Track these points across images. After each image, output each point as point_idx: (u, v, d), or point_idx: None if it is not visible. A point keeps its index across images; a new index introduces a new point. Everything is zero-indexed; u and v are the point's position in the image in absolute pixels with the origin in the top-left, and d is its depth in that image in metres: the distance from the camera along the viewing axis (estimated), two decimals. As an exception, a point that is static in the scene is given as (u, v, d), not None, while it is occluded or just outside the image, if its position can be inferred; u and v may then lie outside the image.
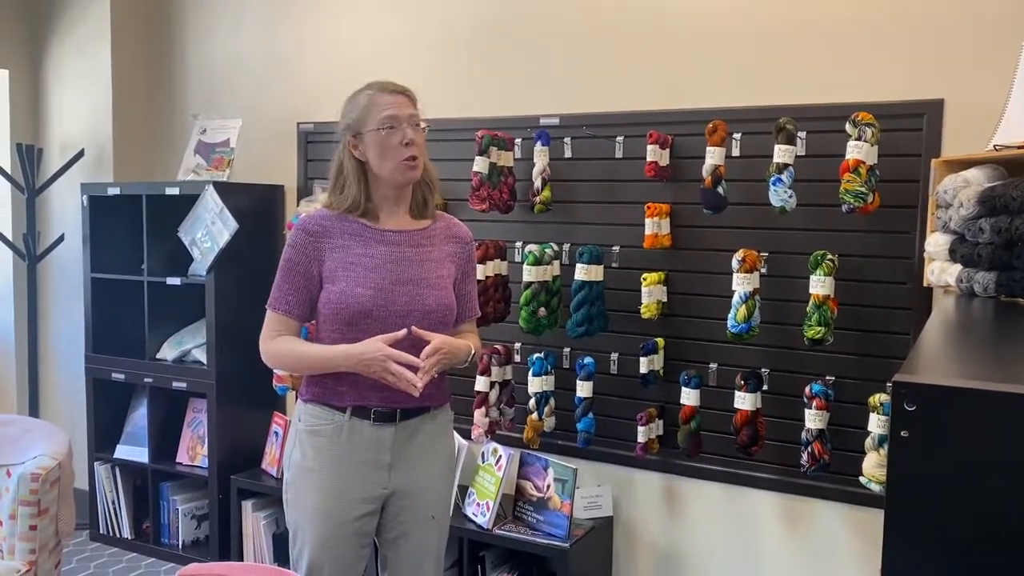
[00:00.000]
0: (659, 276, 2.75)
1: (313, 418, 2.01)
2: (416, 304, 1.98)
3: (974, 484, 0.72)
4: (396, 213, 2.05)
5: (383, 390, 1.96)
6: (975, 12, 2.39)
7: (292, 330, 2.02)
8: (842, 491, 2.60)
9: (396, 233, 2.02)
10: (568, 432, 2.89)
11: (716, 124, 2.51)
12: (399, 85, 2.03)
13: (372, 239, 2.00)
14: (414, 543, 2.08)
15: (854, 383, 2.56)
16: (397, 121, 1.95)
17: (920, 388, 0.74)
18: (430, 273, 2.03)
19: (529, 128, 2.96)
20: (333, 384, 1.99)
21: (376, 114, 1.96)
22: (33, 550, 2.41)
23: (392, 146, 1.95)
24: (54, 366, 4.10)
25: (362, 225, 2.01)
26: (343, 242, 1.99)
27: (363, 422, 1.99)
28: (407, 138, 1.95)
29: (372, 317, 1.94)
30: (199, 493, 3.64)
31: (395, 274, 1.98)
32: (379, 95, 1.98)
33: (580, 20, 2.96)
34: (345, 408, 1.99)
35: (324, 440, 1.99)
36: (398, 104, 1.97)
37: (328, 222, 2.01)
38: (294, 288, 1.99)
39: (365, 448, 1.99)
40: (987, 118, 2.16)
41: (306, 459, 2.01)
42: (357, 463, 1.99)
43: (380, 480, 2.02)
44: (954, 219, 1.70)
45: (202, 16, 3.82)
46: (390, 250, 2.00)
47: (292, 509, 2.05)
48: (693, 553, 2.87)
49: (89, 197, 3.65)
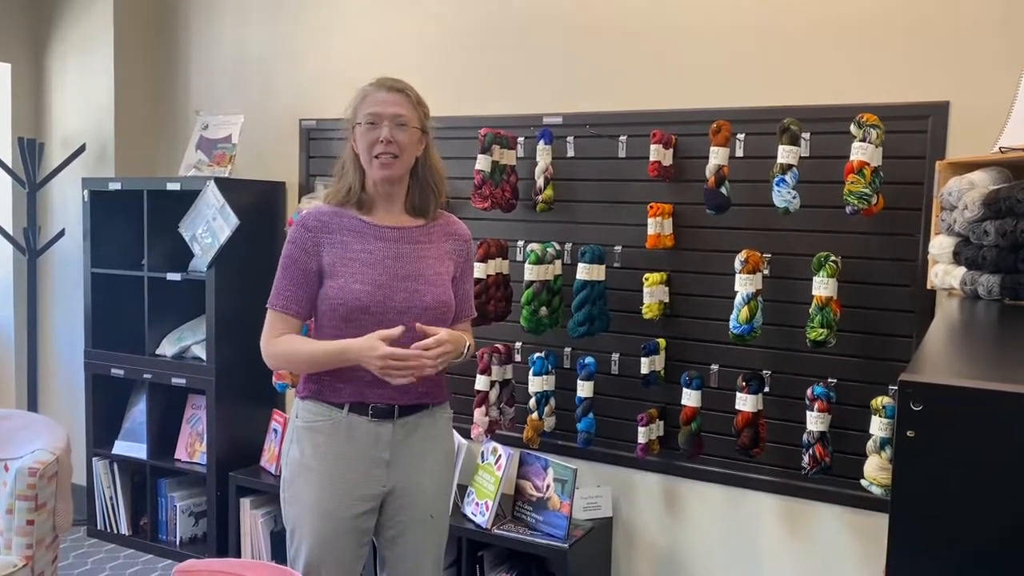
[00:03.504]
0: (661, 276, 2.74)
1: (311, 415, 2.01)
2: (414, 300, 1.98)
3: (980, 483, 0.71)
4: (392, 210, 2.05)
5: (382, 387, 1.95)
6: (981, 15, 2.38)
7: (293, 328, 2.01)
8: (843, 494, 2.59)
9: (394, 229, 2.02)
10: (568, 432, 2.89)
11: (720, 124, 2.50)
12: (399, 83, 2.02)
13: (370, 235, 2.00)
14: (412, 543, 2.07)
15: (856, 385, 2.55)
16: (378, 118, 1.96)
17: (927, 388, 0.73)
18: (428, 270, 2.02)
19: (532, 127, 2.96)
20: (331, 380, 1.99)
21: (363, 109, 1.99)
22: (30, 545, 2.40)
23: (370, 142, 1.96)
24: (53, 361, 4.10)
25: (360, 221, 2.01)
26: (341, 238, 1.99)
27: (361, 418, 1.98)
28: (383, 136, 1.95)
29: (370, 313, 1.94)
30: (197, 490, 3.63)
31: (393, 270, 1.98)
32: (373, 91, 2.00)
33: (584, 19, 2.95)
34: (343, 404, 1.98)
35: (322, 436, 1.98)
36: (385, 102, 1.98)
37: (327, 218, 2.01)
38: (294, 284, 1.99)
39: (363, 444, 1.98)
40: (992, 120, 2.16)
41: (304, 456, 2.00)
42: (355, 460, 1.98)
43: (378, 477, 2.01)
44: (959, 221, 1.69)
45: (205, 11, 3.82)
46: (388, 246, 2.00)
47: (290, 506, 2.04)
48: (693, 555, 2.86)
49: (90, 192, 3.65)
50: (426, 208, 2.07)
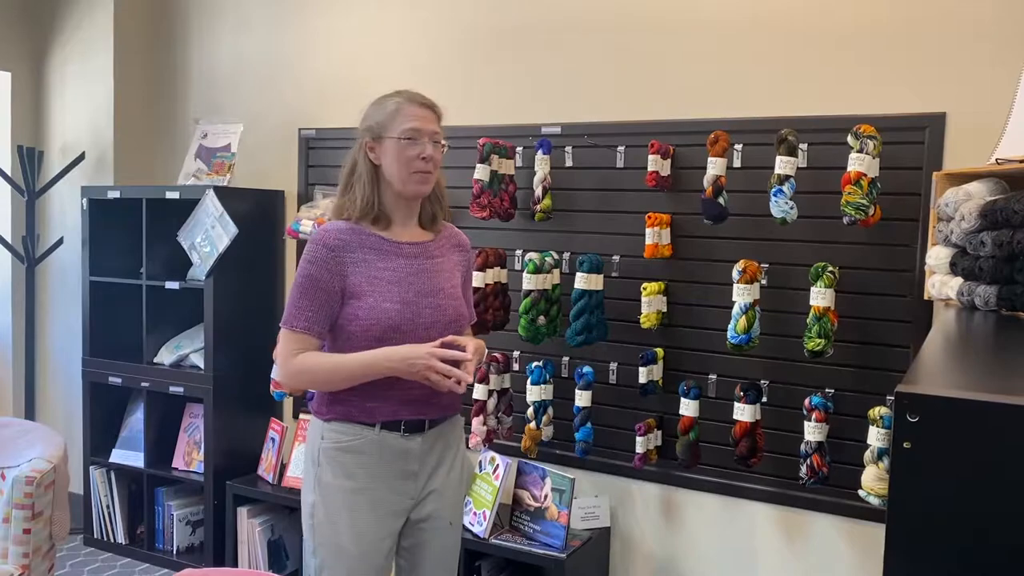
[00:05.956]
0: (659, 286, 2.75)
1: (340, 435, 1.96)
2: (439, 315, 1.98)
3: (977, 495, 0.71)
4: (409, 225, 2.04)
5: (413, 403, 1.96)
6: (978, 27, 2.39)
7: (312, 348, 1.96)
8: (840, 504, 2.59)
9: (413, 245, 2.02)
10: (566, 442, 2.88)
11: (718, 135, 2.51)
12: (428, 99, 2.02)
13: (391, 252, 1.98)
14: (435, 549, 2.07)
15: (854, 396, 2.55)
16: (419, 135, 1.94)
17: (923, 399, 0.73)
18: (446, 283, 2.03)
19: (531, 136, 2.97)
20: (359, 401, 1.95)
21: (401, 123, 1.94)
22: (26, 554, 2.39)
23: (409, 157, 1.94)
24: (51, 369, 4.09)
25: (379, 238, 1.98)
26: (364, 256, 1.96)
27: (392, 434, 1.96)
28: (425, 153, 1.94)
29: (400, 331, 1.92)
30: (194, 498, 3.62)
31: (416, 287, 1.97)
32: (408, 105, 1.97)
33: (582, 30, 2.96)
34: (375, 424, 1.96)
35: (352, 456, 1.95)
36: (424, 118, 1.96)
37: (347, 236, 1.96)
38: (316, 305, 1.93)
39: (394, 460, 1.97)
40: (989, 132, 2.17)
41: (338, 478, 1.95)
42: (388, 476, 1.97)
43: (408, 490, 2.00)
44: (955, 232, 1.70)
45: (205, 20, 3.83)
46: (409, 263, 1.99)
47: (323, 528, 1.96)
48: (690, 565, 2.86)
49: (89, 200, 3.65)
50: (438, 221, 2.08)
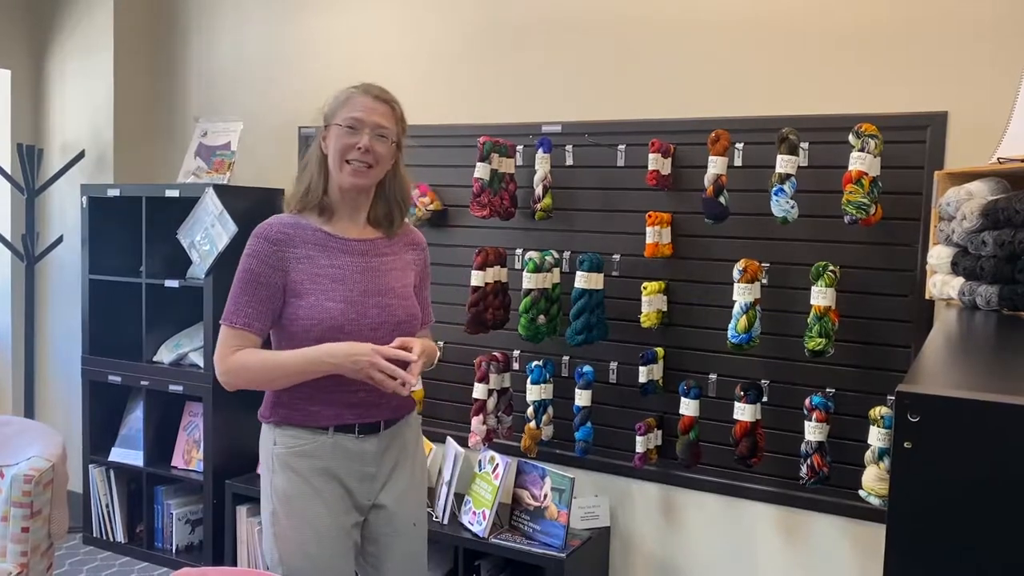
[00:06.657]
0: (659, 285, 2.74)
1: (292, 439, 1.92)
2: (387, 315, 1.93)
3: (978, 495, 0.71)
4: (356, 220, 1.98)
5: (357, 407, 1.92)
6: (980, 26, 2.39)
7: (252, 346, 1.91)
8: (841, 504, 2.58)
9: (360, 242, 1.96)
10: (566, 441, 2.88)
11: (719, 133, 2.50)
12: (386, 93, 1.97)
13: (335, 248, 1.93)
14: (399, 554, 2.04)
15: (854, 395, 2.55)
16: (360, 124, 1.90)
17: (924, 399, 0.73)
18: (396, 283, 1.98)
19: (531, 135, 2.96)
20: (304, 405, 1.91)
21: (345, 111, 1.92)
22: (25, 552, 2.39)
23: (346, 146, 1.90)
24: (50, 367, 4.09)
25: (324, 233, 1.93)
26: (307, 252, 1.91)
27: (347, 436, 1.93)
28: (362, 143, 1.89)
29: (344, 332, 1.87)
30: (194, 497, 3.62)
31: (363, 285, 1.92)
32: (358, 95, 1.94)
33: (583, 28, 2.95)
34: (327, 428, 1.92)
35: (307, 460, 1.91)
36: (370, 110, 1.92)
37: (290, 230, 1.92)
38: (256, 301, 1.88)
39: (351, 461, 1.94)
40: (991, 131, 2.16)
41: (294, 483, 1.91)
42: (345, 475, 1.94)
43: (367, 491, 1.98)
44: (957, 232, 1.69)
45: (205, 19, 3.83)
46: (355, 260, 1.94)
47: (288, 534, 1.91)
48: (690, 565, 2.85)
49: (89, 198, 3.64)
50: (391, 222, 2.02)
